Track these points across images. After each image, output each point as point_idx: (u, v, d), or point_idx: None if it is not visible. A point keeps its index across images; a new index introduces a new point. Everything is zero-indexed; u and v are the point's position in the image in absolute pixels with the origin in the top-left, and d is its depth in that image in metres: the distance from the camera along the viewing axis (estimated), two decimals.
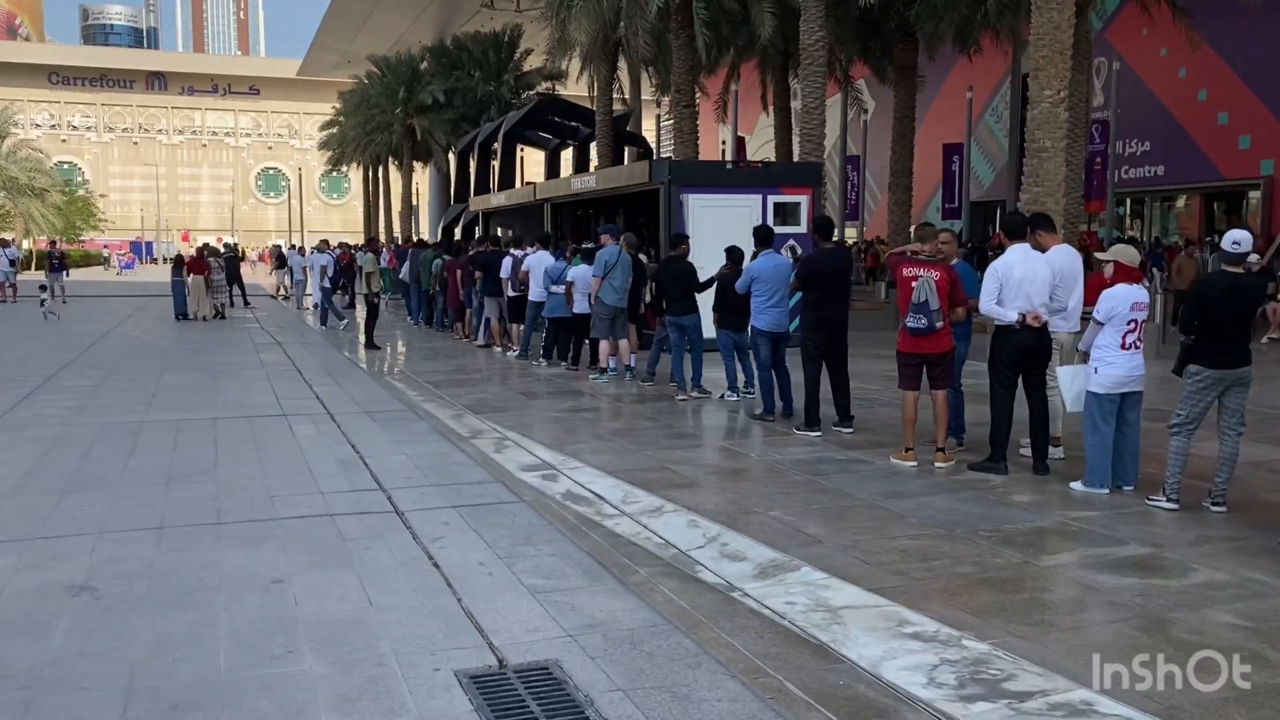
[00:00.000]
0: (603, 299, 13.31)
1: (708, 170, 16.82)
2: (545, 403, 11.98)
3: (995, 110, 40.41)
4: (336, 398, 12.26)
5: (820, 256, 10.38)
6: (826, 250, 10.40)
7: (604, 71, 28.40)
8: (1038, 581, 5.60)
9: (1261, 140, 31.59)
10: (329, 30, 60.76)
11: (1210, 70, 31.43)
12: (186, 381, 13.77)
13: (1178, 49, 31.47)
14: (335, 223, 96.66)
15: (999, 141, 40.23)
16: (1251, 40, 29.92)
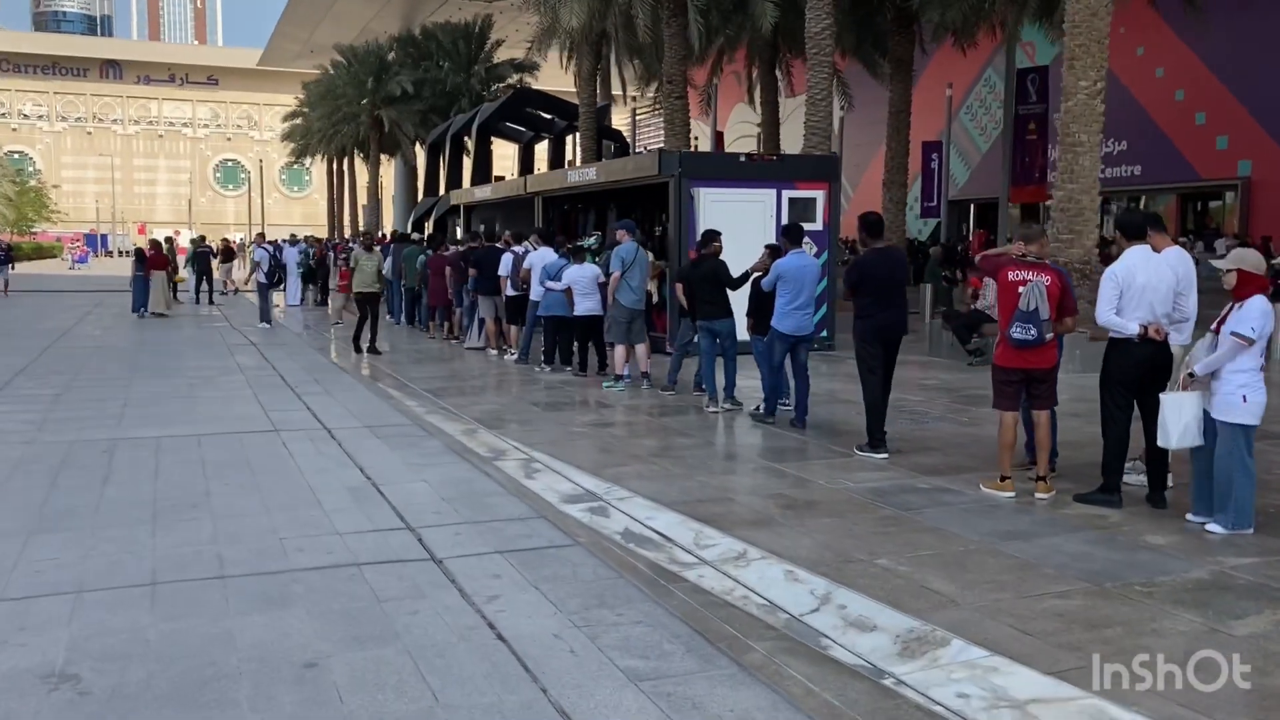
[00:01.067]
0: (620, 300, 12.19)
1: (721, 163, 15.74)
2: (563, 415, 10.84)
3: (970, 108, 39.73)
4: (330, 409, 11.05)
5: (872, 257, 9.34)
6: (878, 250, 9.34)
7: (589, 62, 27.21)
8: (1255, 659, 4.54)
9: (1239, 141, 31.13)
10: (291, 19, 58.95)
11: (1188, 70, 30.90)
12: (160, 389, 12.49)
13: (1154, 48, 30.86)
14: (296, 216, 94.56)
15: (974, 140, 39.57)
16: (1229, 40, 29.39)
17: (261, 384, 12.94)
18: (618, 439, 9.62)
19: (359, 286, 16.76)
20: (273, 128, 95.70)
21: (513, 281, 15.00)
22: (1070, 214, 14.34)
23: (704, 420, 10.49)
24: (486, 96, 46.39)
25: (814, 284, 10.25)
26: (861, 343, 9.14)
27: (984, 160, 39.02)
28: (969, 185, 39.60)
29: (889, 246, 9.63)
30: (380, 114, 47.64)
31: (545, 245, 14.78)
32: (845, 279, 9.65)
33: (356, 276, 16.97)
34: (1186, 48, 30.56)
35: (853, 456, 8.66)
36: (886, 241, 9.65)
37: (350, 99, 48.60)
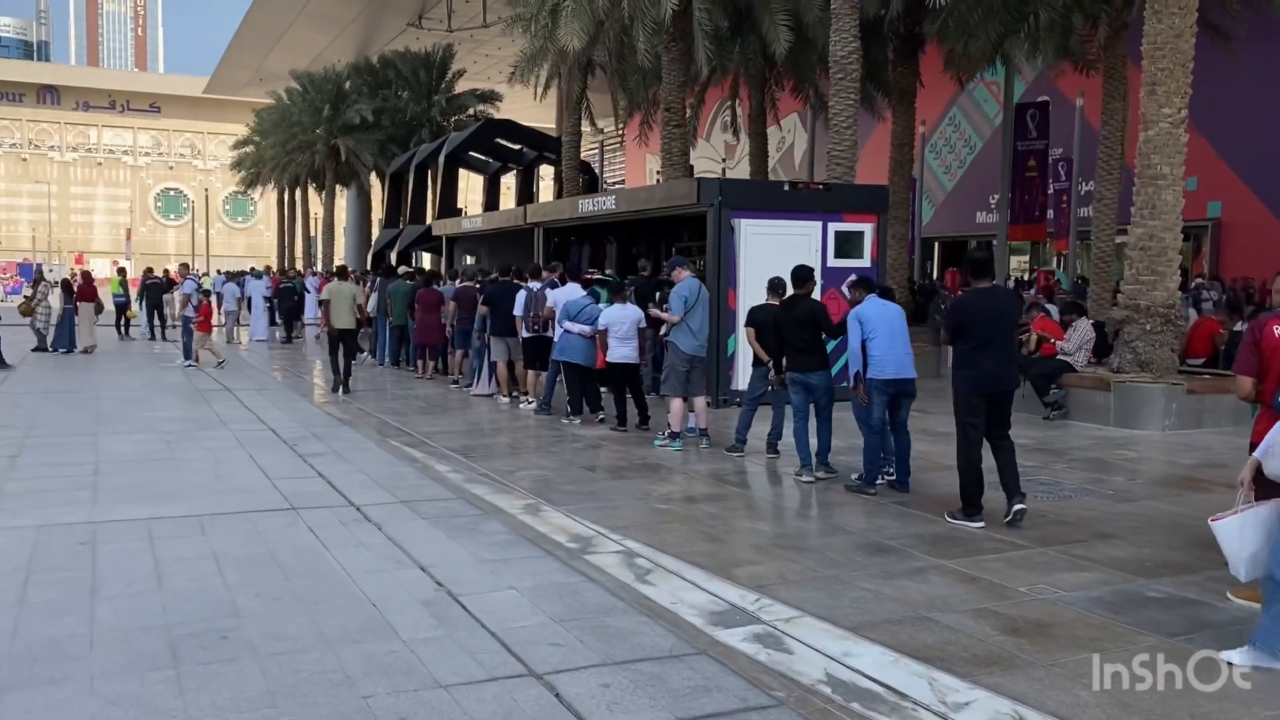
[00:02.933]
0: (679, 345, 10.43)
1: (764, 192, 14.07)
2: (631, 485, 8.99)
3: (935, 147, 38.71)
4: (348, 477, 9.10)
5: (976, 297, 7.78)
6: (982, 290, 7.78)
7: (578, 87, 25.46)
8: None
9: (1208, 182, 30.33)
10: (241, 46, 56.50)
11: None
12: (135, 449, 10.43)
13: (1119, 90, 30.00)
14: (240, 247, 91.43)
15: (938, 178, 38.52)
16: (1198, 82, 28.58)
17: (253, 441, 10.92)
18: (718, 520, 7.79)
19: (335, 323, 15.30)
20: (217, 156, 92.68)
21: (528, 321, 13.15)
22: (1152, 253, 12.85)
23: (804, 493, 8.71)
24: (448, 126, 44.53)
25: (904, 326, 8.65)
26: (963, 396, 7.64)
27: (948, 198, 38.28)
28: (933, 223, 38.58)
29: (995, 286, 8.01)
30: (337, 143, 45.46)
31: (573, 282, 12.97)
32: (944, 322, 8.12)
33: (332, 311, 15.38)
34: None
35: (1028, 550, 6.93)
36: (992, 281, 8.03)
37: (306, 127, 46.35)
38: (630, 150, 56.36)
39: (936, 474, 9.24)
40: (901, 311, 8.71)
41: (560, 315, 12.12)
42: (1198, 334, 14.33)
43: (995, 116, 37.00)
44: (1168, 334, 12.85)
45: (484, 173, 39.79)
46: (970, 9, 18.66)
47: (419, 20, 46.58)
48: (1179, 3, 12.61)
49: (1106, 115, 19.81)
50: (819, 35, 20.61)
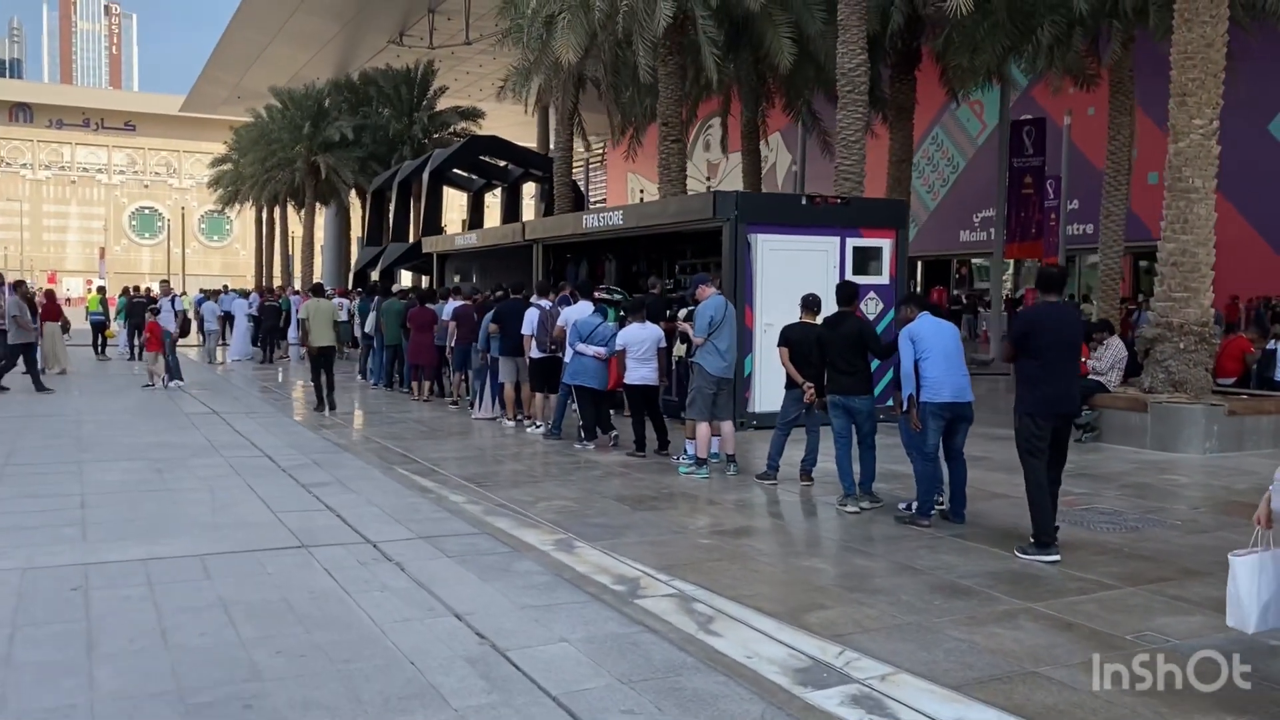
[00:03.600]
0: (705, 367, 9.77)
1: (781, 206, 13.46)
2: (665, 518, 8.32)
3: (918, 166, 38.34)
4: (357, 509, 8.38)
5: (1043, 311, 7.22)
6: (1052, 305, 7.21)
7: (569, 103, 24.84)
8: None
9: None
10: (219, 63, 55.59)
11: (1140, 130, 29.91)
12: (122, 477, 9.66)
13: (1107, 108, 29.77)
14: (215, 266, 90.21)
15: (921, 198, 38.19)
16: None
17: (249, 469, 10.18)
18: (770, 557, 7.12)
19: (315, 341, 14.91)
20: (193, 175, 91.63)
21: (539, 342, 12.48)
22: (1184, 269, 12.33)
23: (852, 525, 8.06)
24: (429, 144, 43.87)
25: (960, 346, 8.05)
26: (1026, 418, 7.11)
27: (932, 217, 38.11)
28: (916, 241, 38.26)
29: (1062, 302, 7.43)
30: (317, 160, 44.68)
31: (584, 299, 12.31)
32: (1009, 335, 7.59)
33: (312, 330, 14.99)
34: (1139, 108, 29.63)
35: (1117, 590, 6.30)
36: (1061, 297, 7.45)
37: (286, 144, 45.57)
38: (612, 169, 55.89)
39: (985, 502, 8.63)
40: (956, 330, 8.11)
41: (571, 336, 11.45)
42: (1228, 353, 13.83)
43: (978, 135, 36.79)
44: (1202, 353, 12.33)
45: (468, 190, 39.15)
46: (975, 24, 18.22)
47: (400, 38, 45.92)
48: (1210, 10, 12.14)
49: (1114, 130, 19.40)
50: (820, 48, 20.15)
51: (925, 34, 22.98)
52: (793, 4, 19.57)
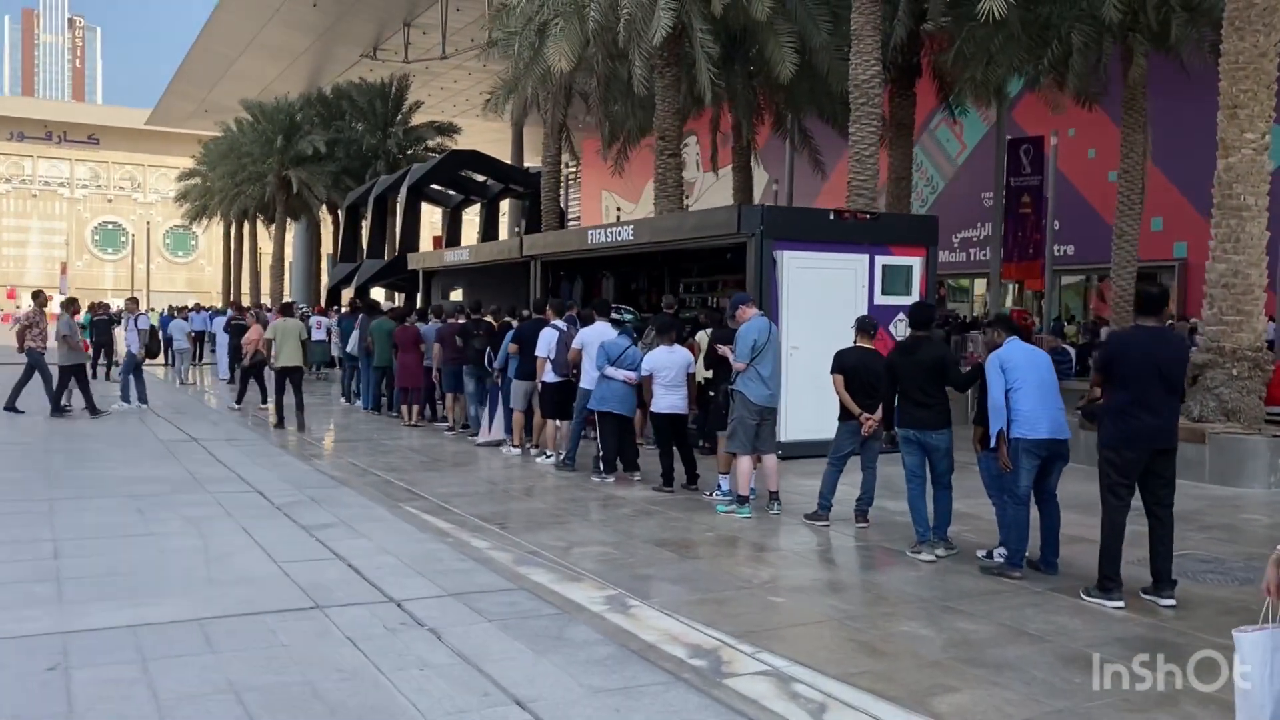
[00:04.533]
0: (747, 395, 8.83)
1: (809, 221, 12.56)
2: (716, 567, 7.37)
3: None
4: (370, 557, 7.35)
5: (1136, 335, 6.40)
6: (1146, 329, 6.37)
7: (559, 115, 23.89)
8: None
9: (1174, 223, 29.82)
10: (186, 77, 54.27)
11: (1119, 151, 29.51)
12: (99, 519, 8.56)
13: (1086, 129, 29.36)
14: (180, 282, 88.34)
15: None
16: (1161, 121, 28.11)
17: (241, 507, 9.11)
18: (860, 620, 6.17)
19: (283, 360, 14.86)
20: (158, 189, 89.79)
21: (556, 365, 11.50)
22: (1236, 291, 11.57)
23: (934, 578, 7.13)
24: (404, 159, 42.83)
25: (1054, 376, 7.18)
26: (1107, 451, 6.30)
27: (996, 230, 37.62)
28: None
29: (1162, 327, 6.58)
30: (289, 174, 43.48)
31: (602, 319, 11.34)
32: (1095, 362, 6.81)
33: (281, 348, 14.77)
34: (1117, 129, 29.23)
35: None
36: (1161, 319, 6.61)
37: (256, 158, 44.34)
38: (586, 186, 55.03)
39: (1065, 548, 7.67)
40: (1049, 358, 7.23)
41: (599, 359, 10.46)
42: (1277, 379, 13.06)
43: (958, 156, 36.23)
44: (1255, 379, 11.56)
45: (445, 206, 38.08)
46: (989, 35, 17.50)
47: (373, 52, 44.95)
48: (1264, 19, 11.41)
49: (1126, 148, 18.73)
50: (822, 60, 19.37)
51: (923, 48, 22.32)
52: (796, 14, 18.79)
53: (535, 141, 53.39)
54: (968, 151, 36.17)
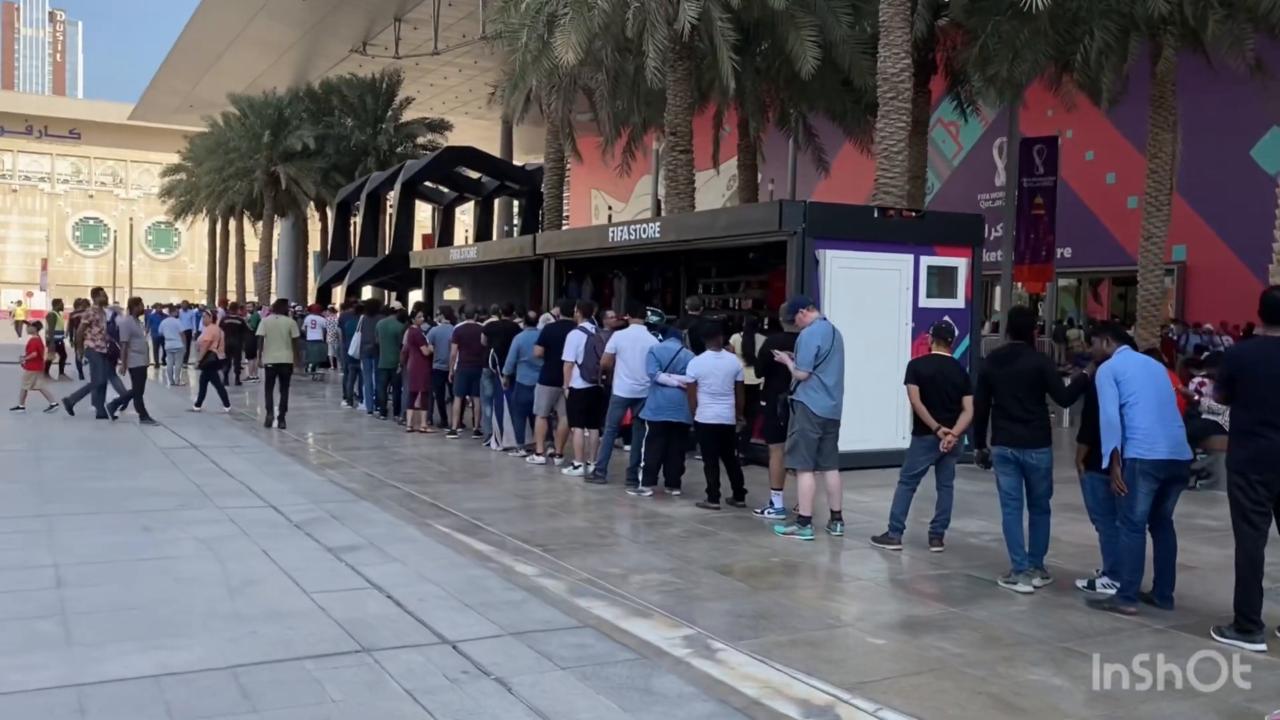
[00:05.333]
0: (809, 406, 8.10)
1: (853, 218, 11.82)
2: (794, 599, 6.63)
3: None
4: (410, 586, 6.58)
5: (1257, 349, 5.75)
6: (1272, 341, 5.71)
7: (565, 109, 23.07)
8: None
9: (1173, 225, 29.37)
10: (171, 71, 53.13)
11: (1117, 153, 29.04)
12: (105, 541, 7.74)
13: (1084, 131, 28.87)
14: (162, 279, 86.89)
15: None
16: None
17: (257, 525, 8.31)
18: (979, 666, 5.43)
19: (271, 358, 14.78)
20: (140, 185, 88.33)
21: (584, 370, 10.75)
22: None
23: (1039, 612, 6.40)
24: (395, 156, 41.92)
25: (1172, 390, 6.50)
26: (1237, 476, 5.63)
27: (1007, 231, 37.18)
28: None
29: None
30: (278, 170, 42.47)
31: (637, 321, 10.58)
32: (1217, 377, 6.11)
33: (269, 346, 14.71)
34: (1115, 130, 28.72)
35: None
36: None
37: (244, 153, 43.29)
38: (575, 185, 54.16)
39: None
40: (1166, 370, 6.53)
41: (650, 365, 9.69)
42: None
43: (954, 158, 35.63)
44: None
45: (438, 203, 37.24)
46: (1015, 30, 16.81)
47: (363, 47, 43.99)
48: None
49: (1154, 147, 18.08)
50: (843, 55, 18.66)
51: (939, 45, 21.69)
52: (816, 6, 18.06)
53: (525, 140, 52.62)
54: (964, 153, 35.61)
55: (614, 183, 49.73)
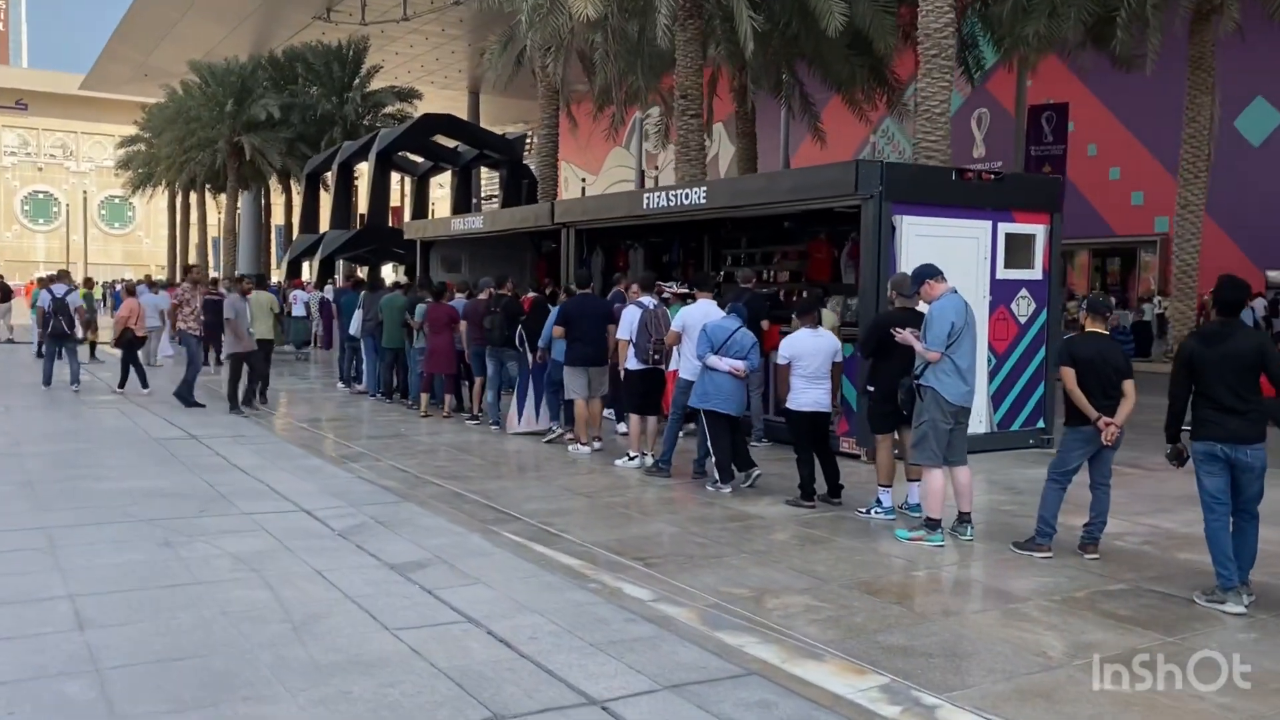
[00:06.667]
0: (940, 392, 6.95)
1: (932, 181, 10.63)
2: (977, 627, 5.49)
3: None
4: (511, 619, 5.36)
5: None
6: None
7: (564, 70, 21.66)
8: None
9: (1155, 197, 28.87)
10: (124, 39, 50.62)
11: (1100, 125, 28.33)
12: (123, 559, 6.41)
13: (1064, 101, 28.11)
14: (116, 255, 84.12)
15: None
16: (1142, 95, 26.90)
17: (293, 535, 7.02)
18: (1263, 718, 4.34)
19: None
20: (93, 158, 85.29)
21: (638, 349, 9.53)
22: None
23: (1267, 638, 5.33)
24: (362, 126, 40.20)
25: None
26: None
27: None
28: None
29: None
30: (241, 140, 40.58)
31: (704, 295, 9.37)
32: None
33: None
34: (1099, 102, 27.99)
35: None
36: None
37: (206, 123, 41.32)
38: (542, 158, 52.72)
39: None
40: None
41: (700, 346, 8.51)
42: None
43: None
44: None
45: (411, 174, 35.67)
46: None
47: (327, 13, 42.04)
48: None
49: (1191, 113, 17.14)
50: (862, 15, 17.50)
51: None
52: None
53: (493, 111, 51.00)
54: None
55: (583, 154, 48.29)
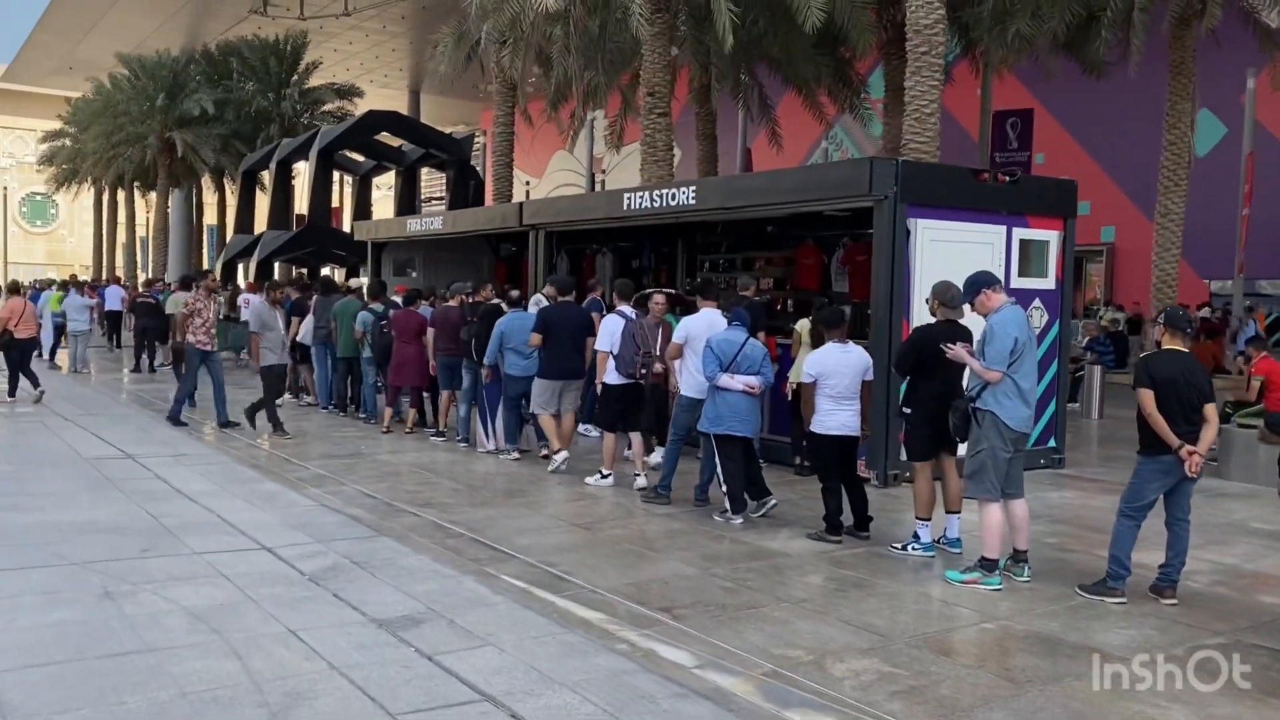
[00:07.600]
0: (1001, 417, 6.16)
1: (951, 182, 9.84)
2: (1083, 696, 4.64)
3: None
4: (540, 696, 4.41)
5: None
6: None
7: (522, 64, 20.54)
8: None
9: (1102, 207, 28.81)
10: (49, 29, 48.39)
11: (1048, 134, 28.21)
12: (55, 615, 5.31)
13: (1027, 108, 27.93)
14: (39, 253, 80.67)
15: None
16: (1089, 105, 26.83)
17: (255, 581, 5.98)
18: None
19: None
20: (13, 153, 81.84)
21: (621, 362, 8.62)
22: None
23: None
24: (300, 123, 38.77)
25: None
26: None
27: None
28: None
29: None
30: (173, 136, 38.83)
31: (708, 303, 8.48)
32: None
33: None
34: (1046, 112, 27.84)
35: None
36: None
37: (135, 118, 39.47)
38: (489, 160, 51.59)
39: None
40: None
41: (707, 364, 7.60)
42: None
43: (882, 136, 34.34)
44: None
45: (353, 173, 34.35)
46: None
47: (264, 7, 40.43)
48: None
49: (1172, 119, 16.68)
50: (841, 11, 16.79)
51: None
52: None
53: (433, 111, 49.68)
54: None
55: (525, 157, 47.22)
